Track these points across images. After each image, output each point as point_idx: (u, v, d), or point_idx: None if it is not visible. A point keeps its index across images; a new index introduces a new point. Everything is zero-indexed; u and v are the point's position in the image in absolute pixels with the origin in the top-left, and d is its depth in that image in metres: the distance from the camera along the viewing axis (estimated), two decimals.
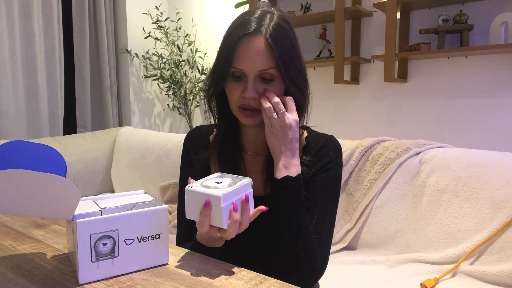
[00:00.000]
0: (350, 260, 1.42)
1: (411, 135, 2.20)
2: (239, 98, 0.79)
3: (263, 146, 0.88)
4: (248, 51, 0.76)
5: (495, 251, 1.24)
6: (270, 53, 0.76)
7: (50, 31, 2.57)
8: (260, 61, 0.76)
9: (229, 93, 0.81)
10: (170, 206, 2.03)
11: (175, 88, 2.87)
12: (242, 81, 0.79)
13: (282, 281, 0.61)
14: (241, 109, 0.80)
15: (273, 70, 0.77)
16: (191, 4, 3.12)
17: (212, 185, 0.65)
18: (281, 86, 0.80)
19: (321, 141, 0.88)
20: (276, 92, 0.80)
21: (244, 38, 0.77)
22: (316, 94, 2.54)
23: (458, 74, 2.07)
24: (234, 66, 0.77)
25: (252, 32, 0.77)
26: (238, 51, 0.77)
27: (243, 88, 0.78)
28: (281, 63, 0.77)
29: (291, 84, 0.80)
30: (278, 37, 0.77)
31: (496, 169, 1.32)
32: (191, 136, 0.95)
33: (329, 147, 0.88)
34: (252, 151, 0.90)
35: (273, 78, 0.79)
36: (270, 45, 0.76)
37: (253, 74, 0.77)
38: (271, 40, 0.76)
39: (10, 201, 0.57)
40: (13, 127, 2.43)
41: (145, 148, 2.27)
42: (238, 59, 0.77)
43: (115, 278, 0.61)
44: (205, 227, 0.66)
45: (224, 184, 0.66)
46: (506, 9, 1.89)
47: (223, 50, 0.80)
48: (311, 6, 2.45)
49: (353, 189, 1.57)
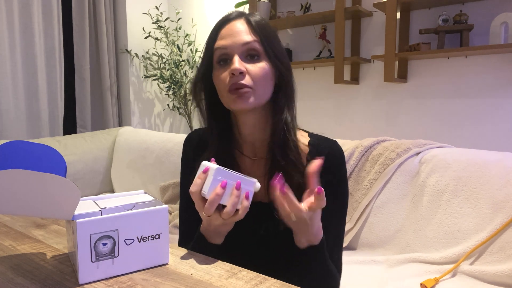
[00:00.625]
0: (350, 260, 1.42)
1: (411, 135, 2.20)
2: (228, 81, 0.77)
3: (262, 147, 0.85)
4: (230, 29, 0.79)
5: (495, 251, 1.24)
6: (252, 29, 0.78)
7: (50, 31, 2.57)
8: (243, 35, 0.78)
9: (218, 80, 0.80)
10: (170, 206, 2.03)
11: (175, 88, 2.87)
12: (228, 64, 0.78)
13: (282, 281, 0.61)
14: (232, 90, 0.77)
15: (257, 44, 0.78)
16: (191, 4, 3.12)
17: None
18: (267, 64, 0.79)
19: (325, 148, 0.84)
20: (263, 69, 0.78)
21: (226, 22, 0.80)
22: (316, 94, 2.54)
23: (458, 74, 2.07)
24: (218, 47, 0.78)
25: (233, 17, 0.81)
26: (221, 32, 0.79)
27: (230, 70, 0.77)
28: (264, 39, 0.78)
29: (277, 59, 0.80)
30: (259, 20, 0.81)
31: (496, 169, 1.32)
32: (190, 139, 0.94)
33: (335, 156, 0.84)
34: (252, 154, 0.86)
35: (259, 55, 0.78)
36: (251, 23, 0.79)
37: (238, 50, 0.77)
38: (252, 20, 0.79)
39: (10, 201, 0.57)
40: (13, 127, 2.43)
41: (145, 148, 2.27)
42: (221, 38, 0.79)
43: (115, 278, 0.61)
44: (212, 208, 0.66)
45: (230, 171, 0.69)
46: (506, 9, 1.89)
47: (207, 41, 0.83)
48: (311, 6, 2.46)
49: (353, 189, 1.58)
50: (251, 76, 0.77)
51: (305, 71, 2.56)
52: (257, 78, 0.77)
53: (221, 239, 0.75)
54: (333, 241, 0.83)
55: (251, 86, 0.77)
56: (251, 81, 0.77)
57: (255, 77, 0.77)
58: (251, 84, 0.77)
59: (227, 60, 0.78)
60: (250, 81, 0.77)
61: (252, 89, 0.77)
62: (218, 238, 0.75)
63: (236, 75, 0.76)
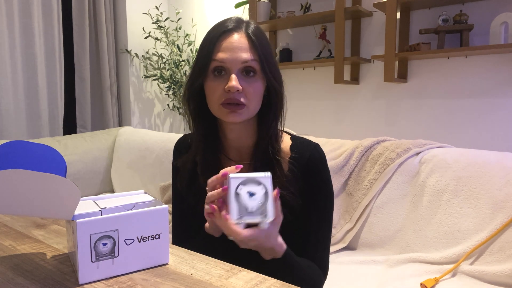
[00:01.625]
0: (350, 260, 1.42)
1: (411, 135, 2.20)
2: (221, 94, 0.77)
3: (247, 152, 0.86)
4: (230, 43, 0.77)
5: (495, 251, 1.24)
6: (252, 46, 0.78)
7: (50, 31, 2.57)
8: (244, 53, 0.77)
9: (210, 91, 0.79)
10: (170, 206, 2.03)
11: (175, 88, 2.87)
12: (224, 77, 0.78)
13: (282, 281, 0.61)
14: (224, 105, 0.77)
15: (255, 63, 0.77)
16: (191, 4, 3.12)
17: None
18: (262, 83, 0.80)
19: (306, 152, 0.85)
20: (257, 88, 0.79)
21: (225, 34, 0.78)
22: (316, 94, 2.54)
23: (458, 74, 2.07)
24: (216, 59, 0.77)
25: (233, 28, 0.79)
26: (220, 44, 0.77)
27: (225, 84, 0.77)
28: (263, 57, 0.78)
29: (273, 77, 0.80)
30: (258, 34, 0.80)
31: (496, 169, 1.32)
32: (179, 145, 0.96)
33: (316, 160, 0.85)
34: (236, 158, 0.87)
35: (255, 73, 0.78)
36: (252, 39, 0.78)
37: (236, 67, 0.77)
38: (253, 35, 0.78)
39: (10, 201, 0.57)
40: (13, 127, 2.43)
41: (145, 148, 2.27)
42: (220, 51, 0.77)
43: (115, 278, 0.61)
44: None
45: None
46: (506, 9, 1.89)
47: (203, 47, 0.80)
48: (311, 6, 2.46)
49: (353, 189, 1.58)
50: (246, 94, 0.78)
51: (305, 71, 2.56)
52: (251, 96, 0.78)
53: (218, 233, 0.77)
54: (316, 245, 0.84)
55: (245, 103, 0.77)
56: (246, 98, 0.78)
57: (249, 95, 0.78)
58: (246, 101, 0.78)
59: (222, 72, 0.78)
60: (244, 98, 0.77)
61: (245, 105, 0.78)
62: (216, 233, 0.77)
63: (233, 92, 0.76)
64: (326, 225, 0.86)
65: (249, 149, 0.86)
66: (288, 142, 0.87)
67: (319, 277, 0.83)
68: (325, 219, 0.86)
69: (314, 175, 0.84)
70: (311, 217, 0.84)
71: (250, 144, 0.85)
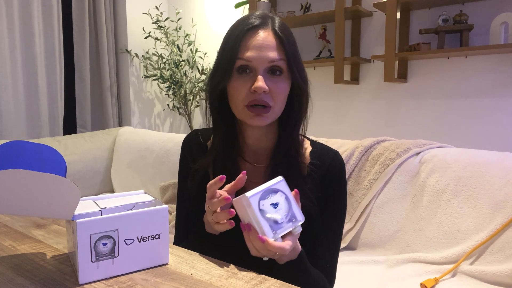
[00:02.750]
0: (350, 260, 1.42)
1: (411, 135, 2.20)
2: (247, 95, 0.74)
3: (264, 155, 0.84)
4: (257, 41, 0.73)
5: (495, 251, 1.24)
6: (279, 45, 0.74)
7: (50, 31, 2.57)
8: (271, 52, 0.73)
9: (235, 91, 0.75)
10: (170, 206, 2.03)
11: (175, 88, 2.87)
12: (249, 76, 0.74)
13: (282, 281, 0.61)
14: (249, 107, 0.74)
15: (282, 62, 0.74)
16: (191, 4, 3.12)
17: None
18: (287, 82, 0.77)
19: (327, 159, 0.83)
20: (284, 88, 0.76)
21: (252, 30, 0.74)
22: (316, 94, 2.54)
23: (458, 74, 2.07)
24: (242, 58, 0.73)
25: (259, 25, 0.75)
26: (246, 42, 0.74)
27: (251, 83, 0.73)
28: (290, 55, 0.75)
29: (300, 77, 0.77)
30: (285, 31, 0.76)
31: (496, 169, 1.32)
32: (189, 141, 0.92)
33: (337, 167, 0.83)
34: (252, 161, 0.84)
35: (282, 72, 0.75)
36: (280, 37, 0.74)
37: (262, 66, 0.73)
38: (280, 32, 0.75)
39: (10, 201, 0.57)
40: (13, 127, 2.43)
41: (145, 148, 2.27)
42: (246, 50, 0.73)
43: (115, 278, 0.61)
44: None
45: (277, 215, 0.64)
46: (506, 9, 1.89)
47: (227, 45, 0.76)
48: (311, 6, 2.46)
49: (353, 189, 1.58)
50: (272, 95, 0.75)
51: None
52: (277, 97, 0.75)
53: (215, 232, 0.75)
54: (328, 253, 0.82)
55: (271, 105, 0.75)
56: (272, 99, 0.75)
57: (276, 95, 0.75)
58: (271, 103, 0.75)
59: (247, 70, 0.75)
60: (270, 100, 0.75)
61: (271, 107, 0.75)
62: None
63: (259, 93, 0.73)
64: (339, 234, 0.84)
65: (266, 151, 0.83)
66: (308, 148, 0.85)
67: (325, 285, 0.81)
68: (338, 227, 0.84)
69: (332, 184, 0.82)
70: (324, 225, 0.81)
71: (269, 146, 0.83)
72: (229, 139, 0.83)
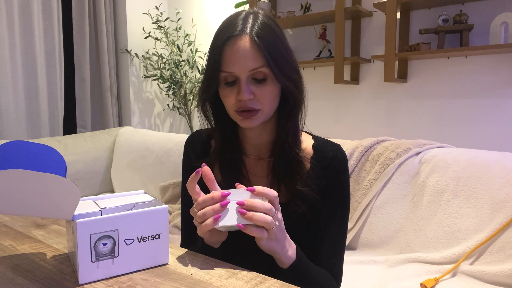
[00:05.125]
0: (350, 260, 1.42)
1: (411, 135, 2.20)
2: (235, 102, 0.77)
3: (266, 149, 0.85)
4: (235, 52, 0.74)
5: (495, 251, 1.24)
6: (258, 52, 0.74)
7: (50, 31, 2.57)
8: (249, 61, 0.74)
9: (224, 99, 0.79)
10: (170, 206, 2.03)
11: (175, 88, 2.87)
12: (236, 84, 0.76)
13: (282, 281, 0.61)
14: (238, 112, 0.77)
15: (264, 68, 0.75)
16: (191, 4, 3.12)
17: None
18: (275, 85, 0.77)
19: (329, 152, 0.84)
20: (270, 91, 0.77)
21: (229, 41, 0.75)
22: (316, 94, 2.54)
23: (458, 74, 2.07)
24: (224, 70, 0.75)
25: (238, 33, 0.75)
26: (226, 54, 0.75)
27: (237, 91, 0.76)
28: (271, 60, 0.75)
29: (286, 79, 0.77)
30: (264, 34, 0.75)
31: (496, 169, 1.32)
32: (192, 140, 0.93)
33: (339, 160, 0.84)
34: (255, 155, 0.87)
35: (266, 77, 0.76)
36: (257, 43, 0.74)
37: (244, 75, 0.75)
38: (257, 38, 0.74)
39: (10, 201, 0.57)
40: (13, 127, 2.43)
41: (145, 148, 2.27)
42: (227, 62, 0.75)
43: (115, 278, 0.61)
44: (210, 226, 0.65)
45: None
46: (506, 9, 1.89)
47: (211, 55, 0.78)
48: (311, 6, 2.45)
49: (353, 189, 1.58)
50: (259, 99, 0.76)
51: (305, 71, 2.56)
52: (265, 100, 0.76)
53: (216, 245, 0.74)
54: (332, 248, 0.82)
55: (259, 109, 0.76)
56: (259, 104, 0.76)
57: (262, 99, 0.76)
58: (259, 106, 0.76)
59: (234, 81, 0.76)
60: (258, 104, 0.76)
61: (260, 110, 0.77)
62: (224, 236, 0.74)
63: (244, 101, 0.75)
64: (344, 229, 0.84)
65: (268, 145, 0.85)
66: (311, 142, 0.86)
67: (330, 282, 0.80)
68: (343, 221, 0.84)
69: (335, 176, 0.83)
70: (327, 220, 0.82)
71: (270, 140, 0.85)
72: (230, 136, 0.85)
